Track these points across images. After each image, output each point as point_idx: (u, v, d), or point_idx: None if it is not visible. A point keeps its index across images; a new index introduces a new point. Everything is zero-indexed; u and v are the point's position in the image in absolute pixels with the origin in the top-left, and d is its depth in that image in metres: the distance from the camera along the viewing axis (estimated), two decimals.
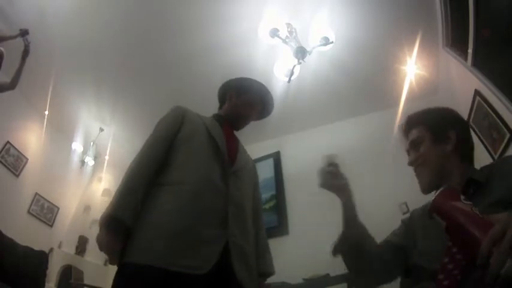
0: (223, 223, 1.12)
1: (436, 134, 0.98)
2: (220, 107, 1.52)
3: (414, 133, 1.03)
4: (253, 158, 3.99)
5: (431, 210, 0.71)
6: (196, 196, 1.12)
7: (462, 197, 0.68)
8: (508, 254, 0.53)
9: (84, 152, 4.20)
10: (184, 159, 1.20)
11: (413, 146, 1.02)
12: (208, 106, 1.57)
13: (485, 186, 0.83)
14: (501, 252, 0.54)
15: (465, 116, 2.25)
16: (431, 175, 0.95)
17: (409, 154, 1.05)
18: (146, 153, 1.19)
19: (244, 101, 1.44)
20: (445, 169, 0.93)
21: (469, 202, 0.65)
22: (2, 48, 2.41)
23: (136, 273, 0.98)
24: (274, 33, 2.45)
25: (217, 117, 1.44)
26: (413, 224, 1.00)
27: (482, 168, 0.92)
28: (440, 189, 0.72)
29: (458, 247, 0.66)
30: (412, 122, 1.06)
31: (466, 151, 0.98)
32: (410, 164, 1.03)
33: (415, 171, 1.01)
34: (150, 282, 0.96)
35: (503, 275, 0.53)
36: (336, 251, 1.12)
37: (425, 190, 0.96)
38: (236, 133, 1.48)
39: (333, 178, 1.12)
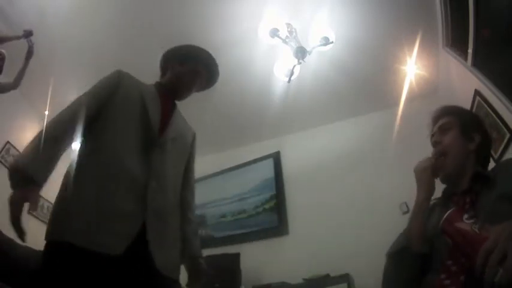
0: (142, 198, 1.03)
1: (465, 128, 1.02)
2: (162, 76, 1.44)
3: (445, 119, 1.05)
4: (253, 158, 3.98)
5: (442, 231, 0.78)
6: (114, 166, 1.04)
7: (465, 216, 0.74)
8: (499, 264, 0.59)
9: None
10: (109, 125, 1.12)
11: (441, 130, 1.04)
12: (208, 106, 1.57)
13: (492, 181, 0.86)
14: (493, 262, 0.59)
15: None
16: (451, 166, 0.98)
17: (433, 136, 1.07)
18: (72, 106, 1.14)
19: (188, 69, 1.36)
20: (463, 167, 0.97)
21: (471, 221, 0.72)
22: (3, 50, 2.41)
23: (50, 251, 0.94)
24: (274, 33, 2.45)
25: (157, 86, 1.36)
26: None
27: (491, 170, 0.97)
28: (449, 211, 0.77)
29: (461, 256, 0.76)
30: (446, 110, 1.09)
31: (482, 157, 1.02)
32: (435, 143, 1.04)
33: (437, 158, 1.01)
34: (62, 260, 0.90)
35: (497, 283, 0.58)
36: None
37: (444, 180, 1.01)
38: (235, 134, 1.47)
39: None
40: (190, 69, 1.37)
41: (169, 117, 1.26)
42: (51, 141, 1.02)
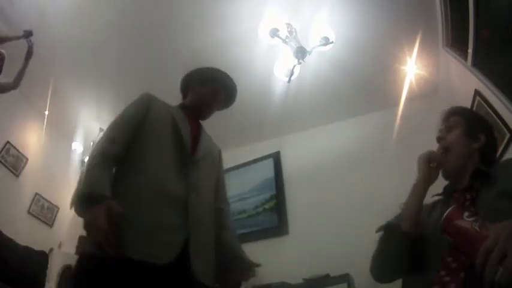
0: (184, 212, 1.12)
1: (470, 128, 1.05)
2: (184, 98, 1.53)
3: (452, 118, 1.09)
4: (253, 158, 4.00)
5: (442, 229, 0.79)
6: (157, 185, 1.12)
7: (466, 213, 0.74)
8: (499, 262, 0.59)
9: (84, 152, 4.19)
10: (146, 147, 1.21)
11: (447, 128, 1.08)
12: None
13: (492, 179, 0.88)
14: (493, 261, 0.60)
15: None
16: (452, 163, 1.02)
17: (439, 133, 1.11)
18: (109, 135, 1.21)
19: (208, 91, 1.45)
20: (465, 165, 1.00)
21: (471, 218, 0.72)
22: (3, 51, 2.41)
23: (90, 263, 0.98)
24: (274, 33, 2.45)
25: (182, 107, 1.45)
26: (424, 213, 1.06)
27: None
28: (449, 209, 0.77)
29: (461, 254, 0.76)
30: (454, 111, 1.12)
31: (487, 157, 1.03)
32: (439, 138, 1.09)
33: (440, 151, 1.06)
34: (106, 272, 0.93)
35: (497, 281, 0.59)
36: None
37: (446, 176, 1.04)
38: (235, 134, 1.50)
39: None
40: (210, 89, 1.46)
41: (198, 136, 1.37)
42: (103, 161, 1.11)
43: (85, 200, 1.00)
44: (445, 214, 0.77)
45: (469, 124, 1.06)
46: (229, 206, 1.52)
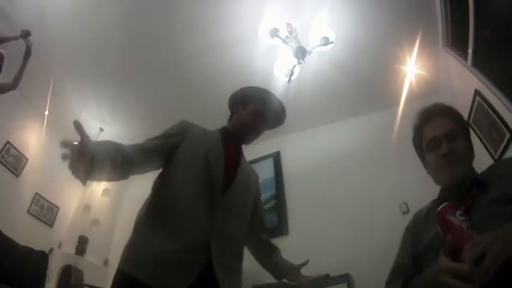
0: (206, 250, 1.13)
1: (468, 136, 1.04)
2: (230, 119, 1.45)
3: (445, 124, 1.01)
4: (253, 158, 3.98)
5: (435, 220, 0.81)
6: (185, 222, 1.14)
7: (458, 212, 0.76)
8: (475, 262, 0.62)
9: None
10: (178, 182, 1.19)
11: (449, 138, 0.99)
12: (207, 106, 1.57)
13: (487, 186, 0.88)
14: (471, 260, 0.64)
15: (465, 116, 2.25)
16: (465, 170, 0.96)
17: (439, 143, 1.00)
18: (140, 144, 1.19)
19: (250, 112, 1.37)
20: (468, 176, 0.98)
21: (462, 218, 0.74)
22: (2, 51, 2.41)
23: (123, 281, 1.08)
24: (274, 33, 2.45)
25: (223, 131, 1.39)
26: (418, 227, 1.04)
27: (482, 173, 0.99)
28: (444, 204, 0.79)
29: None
30: (440, 111, 1.06)
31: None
32: (447, 154, 0.97)
33: (446, 162, 0.97)
34: None
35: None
36: None
37: (454, 182, 0.96)
38: None
39: None
40: (252, 111, 1.38)
41: (234, 168, 1.30)
42: (115, 149, 1.05)
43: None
44: (440, 207, 0.79)
45: (464, 127, 1.04)
46: (267, 231, 1.54)
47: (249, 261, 3.16)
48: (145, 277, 1.05)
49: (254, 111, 1.37)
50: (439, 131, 1.01)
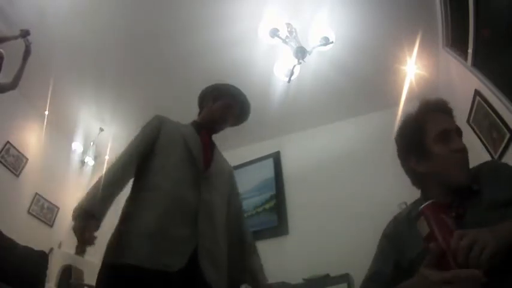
0: (194, 221, 1.20)
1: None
2: (200, 114, 1.59)
3: (452, 121, 0.96)
4: (253, 158, 3.98)
5: (420, 213, 0.73)
6: (171, 200, 1.21)
7: (446, 214, 0.73)
8: (486, 265, 0.60)
9: (84, 152, 4.19)
10: (161, 166, 1.29)
11: (459, 133, 0.94)
12: None
13: (479, 194, 0.84)
14: (463, 246, 0.62)
15: (465, 116, 2.25)
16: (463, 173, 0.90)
17: (449, 137, 0.91)
18: (124, 157, 1.30)
19: (220, 106, 1.51)
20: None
21: (450, 218, 0.71)
22: (1, 50, 2.41)
23: (112, 271, 1.10)
24: (274, 33, 2.45)
25: (195, 125, 1.52)
26: (401, 235, 0.95)
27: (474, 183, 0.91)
28: (430, 201, 0.74)
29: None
30: (447, 109, 0.98)
31: None
32: (463, 150, 0.90)
33: (461, 159, 0.89)
34: (126, 280, 1.05)
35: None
36: None
37: (466, 182, 0.87)
38: (235, 134, 1.52)
39: None
40: (222, 105, 1.52)
41: (208, 153, 1.43)
42: (108, 185, 1.19)
43: (77, 210, 1.12)
44: (429, 202, 0.73)
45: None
46: (251, 236, 1.53)
47: None
48: (138, 260, 1.07)
49: (223, 105, 1.51)
50: (449, 125, 0.93)
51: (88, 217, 1.11)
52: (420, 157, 0.94)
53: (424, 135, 0.93)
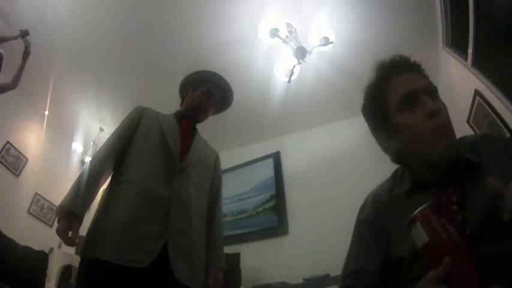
0: (165, 219, 1.18)
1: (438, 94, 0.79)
2: (182, 103, 1.56)
3: (419, 79, 0.79)
4: (253, 158, 3.97)
5: (414, 219, 0.60)
6: (141, 194, 1.19)
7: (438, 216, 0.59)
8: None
9: (84, 152, 4.20)
10: (135, 158, 1.28)
11: (430, 92, 0.75)
12: None
13: (478, 169, 0.68)
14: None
15: (465, 116, 2.25)
16: (456, 141, 0.74)
17: (417, 100, 0.73)
18: (102, 152, 1.29)
19: (201, 93, 1.48)
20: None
21: (443, 221, 0.58)
22: (1, 50, 2.41)
23: (86, 266, 1.12)
24: (274, 33, 2.45)
25: (177, 114, 1.49)
26: (384, 225, 0.79)
27: (464, 142, 0.76)
28: (425, 204, 0.60)
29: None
30: (411, 65, 0.83)
31: None
32: (436, 112, 0.70)
33: (437, 124, 0.70)
34: (98, 275, 1.07)
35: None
36: None
37: (450, 153, 0.70)
38: (235, 134, 1.50)
39: None
40: (203, 93, 1.48)
41: (188, 142, 1.39)
42: (88, 183, 1.20)
43: (60, 211, 1.15)
44: (424, 206, 0.60)
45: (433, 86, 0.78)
46: (221, 212, 1.50)
47: (249, 261, 3.19)
48: (107, 255, 1.07)
49: (203, 93, 1.48)
50: (415, 85, 0.75)
51: (71, 217, 1.13)
52: (389, 132, 0.79)
53: (387, 107, 0.77)
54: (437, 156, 0.70)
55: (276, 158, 3.66)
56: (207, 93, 1.48)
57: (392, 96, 0.77)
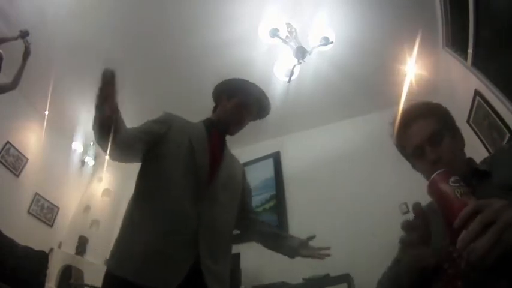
0: (194, 244, 1.13)
1: (453, 129, 0.94)
2: (214, 111, 1.46)
3: (425, 127, 0.92)
4: (253, 158, 3.97)
5: (428, 192, 0.71)
6: (171, 220, 1.13)
7: (452, 179, 0.66)
8: (474, 236, 0.51)
9: (84, 152, 4.20)
10: (162, 173, 1.19)
11: (433, 142, 0.90)
12: (207, 106, 1.56)
13: (488, 175, 0.81)
14: (469, 232, 0.52)
15: (465, 116, 2.25)
16: (458, 170, 0.81)
17: (423, 151, 0.91)
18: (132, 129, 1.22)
19: (235, 104, 1.37)
20: (461, 166, 0.87)
21: (456, 184, 0.65)
22: (1, 51, 2.41)
23: (112, 282, 1.07)
24: (274, 33, 2.45)
25: (207, 123, 1.39)
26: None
27: (484, 160, 0.90)
28: (437, 172, 0.69)
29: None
30: (417, 113, 0.95)
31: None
32: (437, 161, 0.87)
33: (437, 168, 0.81)
34: None
35: (468, 261, 0.52)
36: None
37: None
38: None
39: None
40: (237, 104, 1.37)
41: (219, 159, 1.30)
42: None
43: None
44: (432, 176, 0.70)
45: (449, 123, 0.94)
46: (256, 215, 1.53)
47: (249, 261, 3.18)
48: (132, 275, 1.04)
49: (238, 104, 1.37)
50: (419, 139, 0.92)
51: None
52: (411, 163, 1.01)
53: (406, 153, 1.00)
54: None
55: (276, 158, 3.66)
56: (242, 106, 1.37)
57: (407, 147, 0.98)
